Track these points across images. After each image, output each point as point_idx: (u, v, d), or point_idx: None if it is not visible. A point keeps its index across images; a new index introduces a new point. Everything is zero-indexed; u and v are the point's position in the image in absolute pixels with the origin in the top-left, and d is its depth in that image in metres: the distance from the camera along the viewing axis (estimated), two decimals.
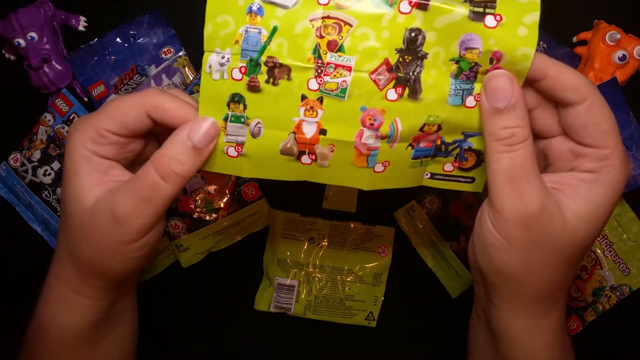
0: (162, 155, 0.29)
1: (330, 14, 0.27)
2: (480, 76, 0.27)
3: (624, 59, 0.48)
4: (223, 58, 0.28)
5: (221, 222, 0.51)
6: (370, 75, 0.27)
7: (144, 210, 0.29)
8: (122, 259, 0.31)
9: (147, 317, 0.53)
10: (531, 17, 0.26)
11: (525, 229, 0.27)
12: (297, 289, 0.52)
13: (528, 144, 0.27)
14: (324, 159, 0.30)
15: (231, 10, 0.28)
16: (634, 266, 0.54)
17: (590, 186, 0.28)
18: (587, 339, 0.55)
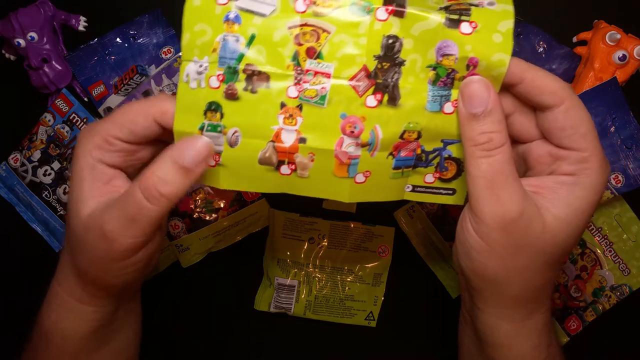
0: (150, 174, 0.28)
1: (308, 21, 0.27)
2: (458, 82, 0.27)
3: (624, 59, 0.48)
4: (201, 67, 0.28)
5: (221, 222, 0.51)
6: (350, 81, 0.27)
7: (130, 230, 0.28)
8: (117, 274, 0.30)
9: (147, 317, 0.53)
10: (505, 24, 0.26)
11: (505, 233, 0.27)
12: (297, 289, 0.52)
13: (505, 149, 0.27)
14: (303, 168, 0.29)
15: (208, 19, 0.28)
16: (634, 266, 0.54)
17: (570, 189, 0.28)
18: (587, 339, 0.55)
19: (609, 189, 0.50)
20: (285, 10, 0.27)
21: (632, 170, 0.50)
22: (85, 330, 0.33)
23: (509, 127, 0.29)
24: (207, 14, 0.28)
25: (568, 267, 0.54)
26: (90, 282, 0.31)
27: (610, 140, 0.50)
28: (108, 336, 0.35)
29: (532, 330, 0.31)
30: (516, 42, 0.51)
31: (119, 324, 0.35)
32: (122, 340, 0.36)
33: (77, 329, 0.33)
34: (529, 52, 0.51)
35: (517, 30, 0.51)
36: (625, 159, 0.50)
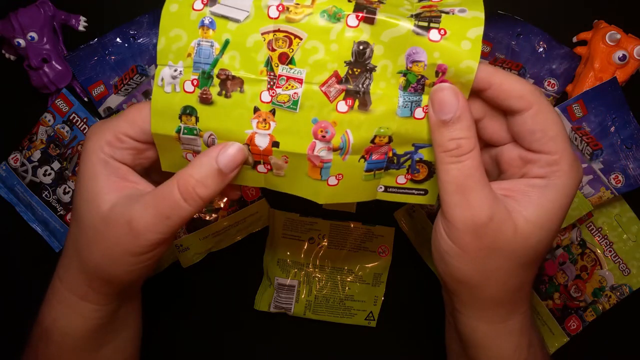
0: (188, 176, 0.29)
1: (280, 27, 0.27)
2: (428, 88, 0.28)
3: (624, 59, 0.48)
4: (175, 71, 0.29)
5: (221, 222, 0.51)
6: (321, 87, 0.28)
7: (161, 227, 0.29)
8: (130, 269, 0.31)
9: (147, 317, 0.53)
10: (475, 31, 0.26)
11: (476, 237, 0.27)
12: (297, 289, 0.52)
13: (474, 155, 0.27)
14: (279, 169, 0.30)
15: (184, 24, 0.28)
16: (634, 266, 0.54)
17: (541, 192, 0.28)
18: (587, 339, 0.55)
19: (609, 189, 0.50)
20: (259, 17, 0.28)
21: (632, 170, 0.50)
22: (86, 329, 0.33)
23: (480, 132, 0.30)
24: (183, 20, 0.28)
25: (568, 267, 0.54)
26: (99, 277, 0.31)
27: (610, 140, 0.50)
28: (109, 335, 0.35)
29: (511, 331, 0.31)
30: (516, 42, 0.51)
31: (120, 323, 0.35)
32: (122, 339, 0.36)
33: (77, 327, 0.33)
34: (529, 52, 0.51)
35: (517, 30, 0.51)
36: (625, 159, 0.50)
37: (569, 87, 0.52)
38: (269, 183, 0.31)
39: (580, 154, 0.50)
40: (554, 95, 0.51)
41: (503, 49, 0.51)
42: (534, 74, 0.51)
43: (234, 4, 0.28)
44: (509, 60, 0.51)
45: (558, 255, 0.53)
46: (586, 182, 0.51)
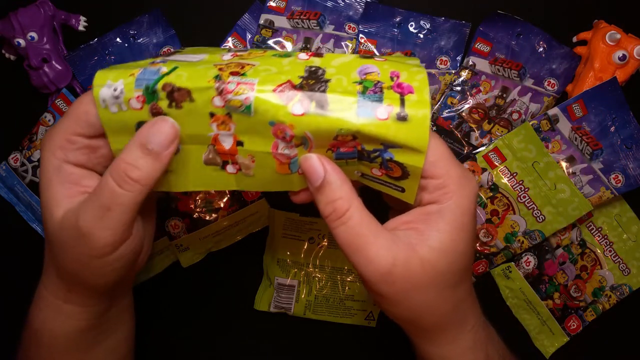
0: (119, 161, 0.28)
1: (233, 61, 0.28)
2: (387, 91, 0.27)
3: (624, 59, 0.48)
4: (115, 90, 0.27)
5: (221, 222, 0.51)
6: (274, 91, 0.27)
7: (106, 222, 0.27)
8: (101, 272, 0.30)
9: (147, 317, 0.53)
10: (418, 74, 0.28)
11: (389, 284, 0.28)
12: (297, 289, 0.52)
13: (354, 211, 0.28)
14: (247, 168, 0.30)
15: (135, 64, 0.28)
16: (634, 266, 0.54)
17: (437, 217, 0.28)
18: (587, 339, 0.55)
19: (609, 189, 0.50)
20: (212, 59, 0.28)
21: (632, 170, 0.50)
22: (75, 330, 0.33)
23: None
24: (129, 66, 0.29)
25: (568, 267, 0.54)
26: (75, 283, 0.31)
27: (610, 140, 0.50)
28: (100, 335, 0.35)
29: (464, 349, 0.31)
30: (516, 42, 0.51)
31: (112, 323, 0.35)
32: (115, 339, 0.36)
33: (66, 329, 0.32)
34: (529, 52, 0.51)
35: (517, 30, 0.51)
36: (625, 159, 0.50)
37: (569, 87, 0.52)
38: (240, 184, 0.31)
39: (580, 154, 0.50)
40: (554, 95, 0.52)
41: (503, 49, 0.51)
42: (534, 74, 0.51)
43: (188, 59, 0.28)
44: (509, 60, 0.51)
45: (558, 255, 0.53)
46: (586, 182, 0.51)
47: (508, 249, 0.52)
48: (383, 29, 0.51)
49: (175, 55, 0.29)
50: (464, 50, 0.51)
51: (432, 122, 0.52)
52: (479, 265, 0.52)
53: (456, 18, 0.51)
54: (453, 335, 0.31)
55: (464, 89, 0.51)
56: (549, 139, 0.50)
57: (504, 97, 0.51)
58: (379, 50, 0.51)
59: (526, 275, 0.53)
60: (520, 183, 0.50)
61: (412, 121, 0.26)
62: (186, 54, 0.29)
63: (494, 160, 0.51)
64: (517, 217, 0.51)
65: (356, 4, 0.51)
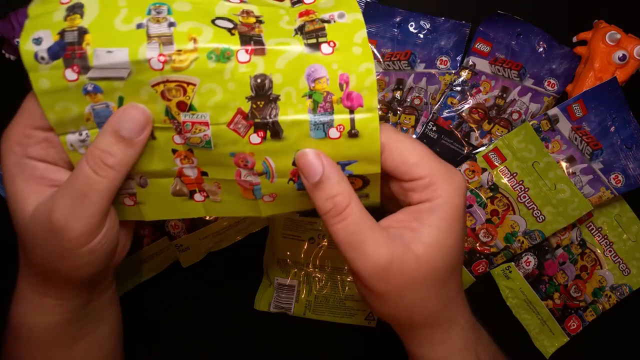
0: (93, 149, 0.27)
1: (169, 77, 0.26)
2: (336, 105, 0.27)
3: (624, 59, 0.48)
4: (81, 135, 0.28)
5: (221, 222, 0.51)
6: (229, 126, 0.27)
7: (81, 210, 0.27)
8: (76, 265, 0.29)
9: (147, 317, 0.53)
10: (360, 35, 0.27)
11: (384, 281, 0.28)
12: (297, 289, 0.52)
13: (353, 208, 0.28)
14: (214, 194, 0.30)
15: (66, 97, 0.27)
16: (634, 266, 0.54)
17: (429, 214, 0.29)
18: (587, 339, 0.55)
19: (609, 189, 0.50)
20: (142, 71, 0.26)
21: (632, 170, 0.50)
22: (53, 324, 0.32)
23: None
24: (62, 93, 0.26)
25: (568, 267, 0.54)
26: (51, 277, 0.31)
27: (610, 140, 0.50)
28: (81, 331, 0.34)
29: (453, 350, 0.32)
30: (516, 42, 0.51)
31: (93, 318, 0.35)
32: (99, 334, 0.36)
33: (44, 323, 0.32)
34: (529, 52, 0.51)
35: (517, 30, 0.51)
36: (625, 159, 0.50)
37: (569, 87, 0.52)
38: (209, 211, 0.31)
39: (580, 154, 0.50)
40: (554, 95, 0.52)
41: (503, 49, 0.51)
42: (534, 74, 0.51)
43: (110, 64, 0.26)
44: (509, 60, 0.51)
45: (558, 255, 0.53)
46: (586, 182, 0.51)
47: (508, 249, 0.52)
48: (383, 29, 0.51)
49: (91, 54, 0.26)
50: (464, 50, 0.51)
51: (432, 122, 0.52)
52: (479, 265, 0.52)
53: (456, 18, 0.51)
54: (442, 336, 0.31)
55: (464, 89, 0.51)
56: (549, 139, 0.50)
57: (504, 97, 0.51)
58: (379, 51, 0.51)
59: (526, 275, 0.53)
60: (520, 183, 0.50)
61: (363, 136, 0.27)
62: (98, 45, 0.26)
63: (494, 160, 0.51)
64: (517, 217, 0.51)
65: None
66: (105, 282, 0.35)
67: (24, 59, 0.26)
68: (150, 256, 0.51)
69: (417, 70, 0.51)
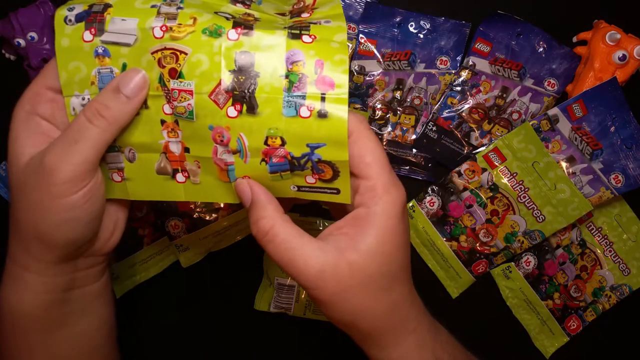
0: (92, 101, 0.30)
1: (166, 45, 0.29)
2: (310, 86, 0.29)
3: (624, 59, 0.48)
4: (84, 99, 0.31)
5: (221, 222, 0.51)
6: (210, 95, 0.30)
7: (70, 155, 0.29)
8: (57, 220, 0.30)
9: (147, 317, 0.53)
10: (340, 36, 0.30)
11: (321, 289, 0.29)
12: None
13: (278, 230, 0.30)
14: (194, 175, 0.32)
15: (80, 57, 0.30)
16: (634, 266, 0.54)
17: (364, 221, 0.30)
18: (587, 339, 0.55)
19: (609, 189, 0.50)
20: (146, 38, 0.30)
21: (632, 170, 0.50)
22: (35, 304, 0.33)
23: None
24: (77, 52, 0.30)
25: (568, 267, 0.54)
26: (32, 238, 0.31)
27: (610, 140, 0.50)
28: (66, 317, 0.34)
29: (407, 351, 0.32)
30: (516, 42, 0.51)
31: (79, 306, 0.35)
32: (86, 324, 0.36)
33: (25, 303, 0.32)
34: (529, 52, 0.51)
35: (517, 30, 0.51)
36: (625, 159, 0.50)
37: (569, 87, 0.52)
38: (188, 194, 0.33)
39: (580, 154, 0.50)
40: (554, 95, 0.52)
41: (503, 49, 0.51)
42: (534, 74, 0.51)
43: (121, 29, 0.30)
44: (509, 60, 0.51)
45: (558, 255, 0.53)
46: (586, 182, 0.51)
47: (508, 249, 0.52)
48: (383, 29, 0.51)
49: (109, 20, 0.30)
50: (464, 50, 0.51)
51: (432, 122, 0.52)
52: (479, 265, 0.52)
53: (456, 18, 0.51)
54: (394, 338, 0.32)
55: (464, 89, 0.51)
56: (549, 139, 0.50)
57: (504, 97, 0.51)
58: (379, 51, 0.51)
59: (526, 275, 0.53)
60: (520, 183, 0.50)
61: (331, 117, 0.29)
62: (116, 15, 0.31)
63: (494, 160, 0.51)
64: (517, 217, 0.51)
65: (356, 4, 0.51)
66: (92, 270, 0.35)
67: (56, 19, 0.30)
68: (150, 256, 0.51)
69: (417, 70, 0.51)
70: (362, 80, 0.51)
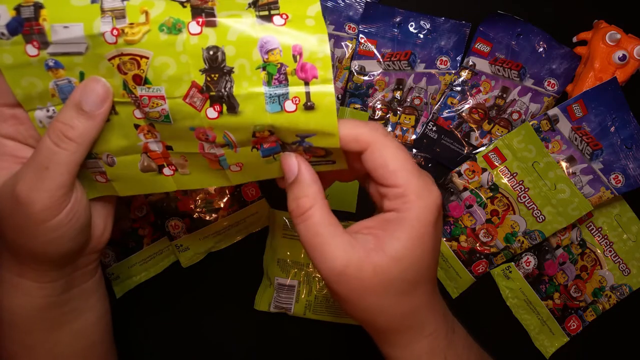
0: (55, 122, 0.28)
1: (123, 50, 0.26)
2: (291, 77, 0.27)
3: (624, 59, 0.48)
4: (48, 111, 0.29)
5: (221, 222, 0.51)
6: (184, 99, 0.27)
7: (43, 183, 0.28)
8: (45, 240, 0.29)
9: (147, 317, 0.53)
10: (313, 9, 0.27)
11: (341, 284, 0.29)
12: (297, 289, 0.52)
13: (315, 211, 0.29)
14: (182, 167, 0.31)
15: (30, 72, 0.27)
16: (634, 266, 0.54)
17: (395, 225, 0.29)
18: (587, 339, 0.55)
19: (609, 189, 0.50)
20: (98, 44, 0.27)
21: (632, 170, 0.50)
22: (34, 307, 0.32)
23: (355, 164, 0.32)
24: (26, 69, 0.27)
25: (568, 267, 0.54)
26: (24, 254, 0.31)
27: (610, 140, 0.50)
28: (65, 316, 0.34)
29: (419, 354, 0.32)
30: (516, 42, 0.51)
31: (77, 304, 0.35)
32: (84, 321, 0.36)
33: (24, 306, 0.32)
34: (529, 52, 0.51)
35: (517, 30, 0.51)
36: (625, 159, 0.50)
37: (569, 87, 0.52)
38: (179, 184, 0.32)
39: (580, 154, 0.50)
40: (554, 95, 0.52)
41: (503, 49, 0.51)
42: (534, 74, 0.51)
43: (67, 39, 0.27)
44: (509, 60, 0.51)
45: (558, 255, 0.53)
46: (586, 182, 0.51)
47: (508, 249, 0.52)
48: (383, 29, 0.51)
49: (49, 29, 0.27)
50: (464, 50, 0.51)
51: (432, 122, 0.52)
52: (479, 265, 0.52)
53: (456, 18, 0.51)
54: (408, 340, 0.32)
55: (464, 89, 0.51)
56: (549, 139, 0.50)
57: (504, 97, 0.51)
58: (379, 51, 0.51)
59: (526, 275, 0.53)
60: (520, 183, 0.50)
61: (319, 109, 0.27)
62: (55, 21, 0.27)
63: (494, 160, 0.51)
64: (517, 217, 0.51)
65: (356, 4, 0.51)
66: (88, 269, 0.35)
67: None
68: (150, 256, 0.51)
69: (417, 70, 0.51)
70: (362, 81, 0.51)
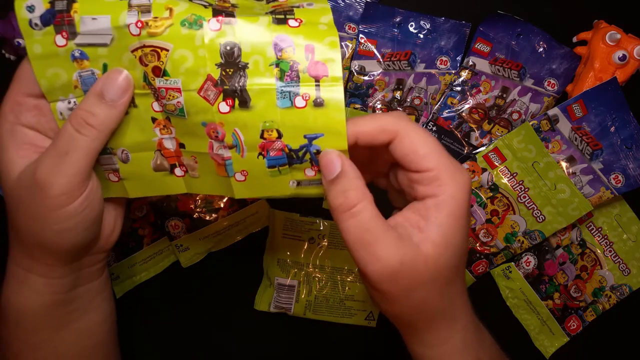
0: (77, 110, 0.29)
1: (145, 42, 0.28)
2: (302, 74, 0.28)
3: (624, 59, 0.48)
4: (69, 103, 0.30)
5: (221, 222, 0.51)
6: (199, 92, 0.28)
7: (62, 167, 0.28)
8: (59, 229, 0.30)
9: (147, 317, 0.53)
10: (326, 17, 0.29)
11: (393, 283, 0.28)
12: (297, 289, 0.52)
13: (365, 205, 0.28)
14: (192, 169, 0.31)
15: (57, 62, 0.29)
16: (634, 266, 0.54)
17: (435, 211, 0.29)
18: (587, 339, 0.55)
19: (609, 189, 0.50)
20: (123, 36, 0.28)
21: (632, 170, 0.50)
22: (41, 305, 0.32)
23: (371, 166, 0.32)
24: (53, 59, 0.29)
25: (568, 267, 0.54)
26: (34, 245, 0.31)
27: (610, 140, 0.50)
28: (71, 315, 0.34)
29: (454, 351, 0.32)
30: (516, 42, 0.51)
31: (82, 303, 0.35)
32: (89, 321, 0.36)
33: (31, 304, 0.32)
34: (529, 52, 0.51)
35: (517, 30, 0.51)
36: (625, 159, 0.50)
37: (569, 87, 0.52)
38: (189, 187, 0.32)
39: (580, 154, 0.50)
40: (554, 95, 0.52)
41: (503, 49, 0.51)
42: (534, 74, 0.51)
43: (94, 30, 0.28)
44: (509, 60, 0.51)
45: (558, 255, 0.53)
46: (586, 182, 0.51)
47: (508, 249, 0.52)
48: (383, 29, 0.51)
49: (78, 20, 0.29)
50: (464, 50, 0.51)
51: (432, 122, 0.52)
52: (479, 265, 0.52)
53: (456, 18, 0.51)
54: (444, 335, 0.31)
55: (464, 89, 0.51)
56: (549, 139, 0.50)
57: (504, 97, 0.51)
58: (379, 51, 0.51)
59: (526, 275, 0.53)
60: (520, 183, 0.50)
61: (328, 106, 0.28)
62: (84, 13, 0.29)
63: (494, 160, 0.51)
64: (517, 217, 0.51)
65: (356, 4, 0.51)
66: (95, 268, 0.35)
67: (21, 25, 0.29)
68: (150, 256, 0.51)
69: (417, 70, 0.51)
70: (362, 81, 0.51)
